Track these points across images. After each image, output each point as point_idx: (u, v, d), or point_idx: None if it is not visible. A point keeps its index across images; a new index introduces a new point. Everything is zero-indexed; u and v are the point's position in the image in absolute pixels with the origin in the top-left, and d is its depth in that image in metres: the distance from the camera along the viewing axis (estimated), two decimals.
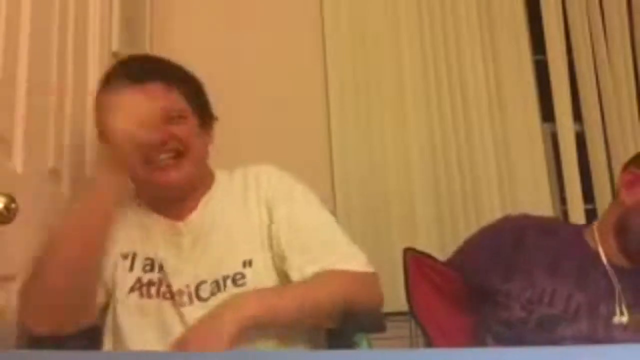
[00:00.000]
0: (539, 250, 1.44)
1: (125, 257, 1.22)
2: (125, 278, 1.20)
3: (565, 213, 2.48)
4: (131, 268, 1.21)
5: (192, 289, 1.17)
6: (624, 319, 1.36)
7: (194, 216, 1.26)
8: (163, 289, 1.18)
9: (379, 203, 2.30)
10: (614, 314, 1.37)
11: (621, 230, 1.43)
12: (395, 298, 1.59)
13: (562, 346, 1.19)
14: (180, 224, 1.25)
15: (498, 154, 2.43)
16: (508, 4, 2.57)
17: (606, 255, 1.44)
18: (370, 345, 1.28)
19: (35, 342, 1.13)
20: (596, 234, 1.47)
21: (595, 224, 1.50)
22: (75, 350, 1.08)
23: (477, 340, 1.47)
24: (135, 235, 1.24)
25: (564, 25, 2.59)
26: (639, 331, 1.34)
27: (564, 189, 2.50)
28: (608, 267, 1.42)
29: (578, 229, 1.54)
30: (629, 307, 1.38)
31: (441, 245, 2.24)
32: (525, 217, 1.60)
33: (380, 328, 1.26)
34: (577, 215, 2.43)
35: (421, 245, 1.98)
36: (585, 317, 1.37)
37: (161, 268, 1.20)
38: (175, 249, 1.22)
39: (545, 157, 2.49)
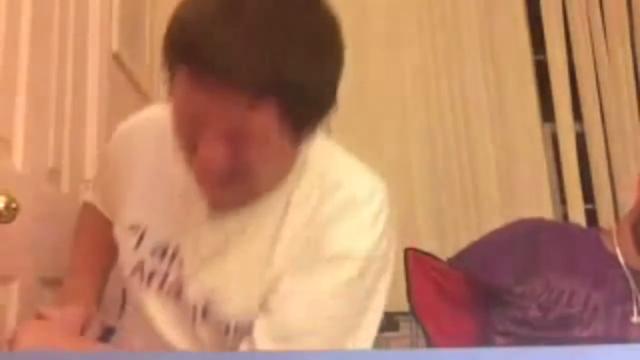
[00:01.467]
0: (555, 250, 1.44)
1: (133, 229, 0.95)
2: (130, 256, 0.95)
3: (565, 213, 2.48)
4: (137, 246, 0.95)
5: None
6: None
7: (231, 213, 0.91)
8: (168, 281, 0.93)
9: None
10: (631, 314, 1.37)
11: (635, 227, 1.44)
12: (395, 298, 1.58)
13: (564, 346, 1.19)
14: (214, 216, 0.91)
15: (498, 154, 2.43)
16: (508, 4, 2.57)
17: (624, 258, 1.44)
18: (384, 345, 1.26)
19: None
20: (614, 237, 1.47)
21: (614, 228, 1.51)
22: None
23: (481, 340, 1.47)
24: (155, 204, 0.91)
25: (564, 25, 2.59)
26: None
27: (564, 189, 2.50)
28: (626, 270, 1.42)
29: (595, 232, 1.55)
30: None
31: (441, 246, 2.24)
32: (540, 220, 1.61)
33: (393, 327, 1.25)
34: (577, 215, 2.43)
35: (421, 245, 1.98)
36: (602, 318, 1.37)
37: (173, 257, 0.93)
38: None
39: (545, 157, 2.49)
